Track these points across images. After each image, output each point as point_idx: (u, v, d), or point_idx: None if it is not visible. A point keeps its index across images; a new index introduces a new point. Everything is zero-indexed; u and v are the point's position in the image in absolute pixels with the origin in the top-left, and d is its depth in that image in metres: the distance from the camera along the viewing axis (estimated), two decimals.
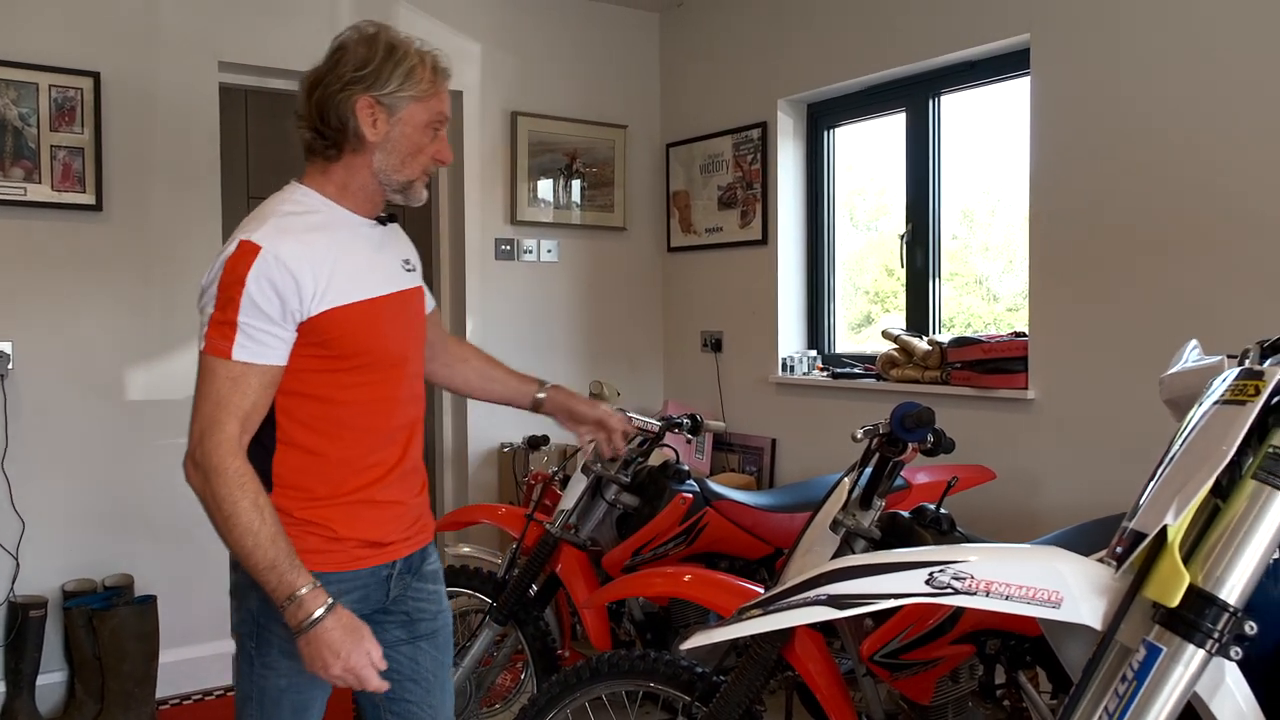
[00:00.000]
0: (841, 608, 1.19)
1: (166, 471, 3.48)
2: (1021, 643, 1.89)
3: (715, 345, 4.34)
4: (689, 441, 3.95)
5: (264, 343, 1.50)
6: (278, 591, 1.48)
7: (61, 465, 3.33)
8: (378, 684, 1.52)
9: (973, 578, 1.16)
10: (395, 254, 1.71)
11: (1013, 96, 3.39)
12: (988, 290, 3.66)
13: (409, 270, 1.73)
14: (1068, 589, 1.14)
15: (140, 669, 3.15)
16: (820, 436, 3.87)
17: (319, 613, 1.47)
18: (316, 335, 1.54)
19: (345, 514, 1.60)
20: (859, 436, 1.72)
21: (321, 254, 1.54)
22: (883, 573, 1.19)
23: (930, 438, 1.89)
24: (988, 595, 1.15)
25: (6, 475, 3.22)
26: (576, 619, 3.19)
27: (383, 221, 1.69)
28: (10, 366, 3.22)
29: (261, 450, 1.56)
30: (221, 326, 1.49)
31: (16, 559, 3.24)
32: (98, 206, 3.35)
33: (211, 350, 1.50)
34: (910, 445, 1.83)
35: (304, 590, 1.47)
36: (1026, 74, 3.21)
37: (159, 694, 3.31)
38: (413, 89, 1.59)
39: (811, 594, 1.21)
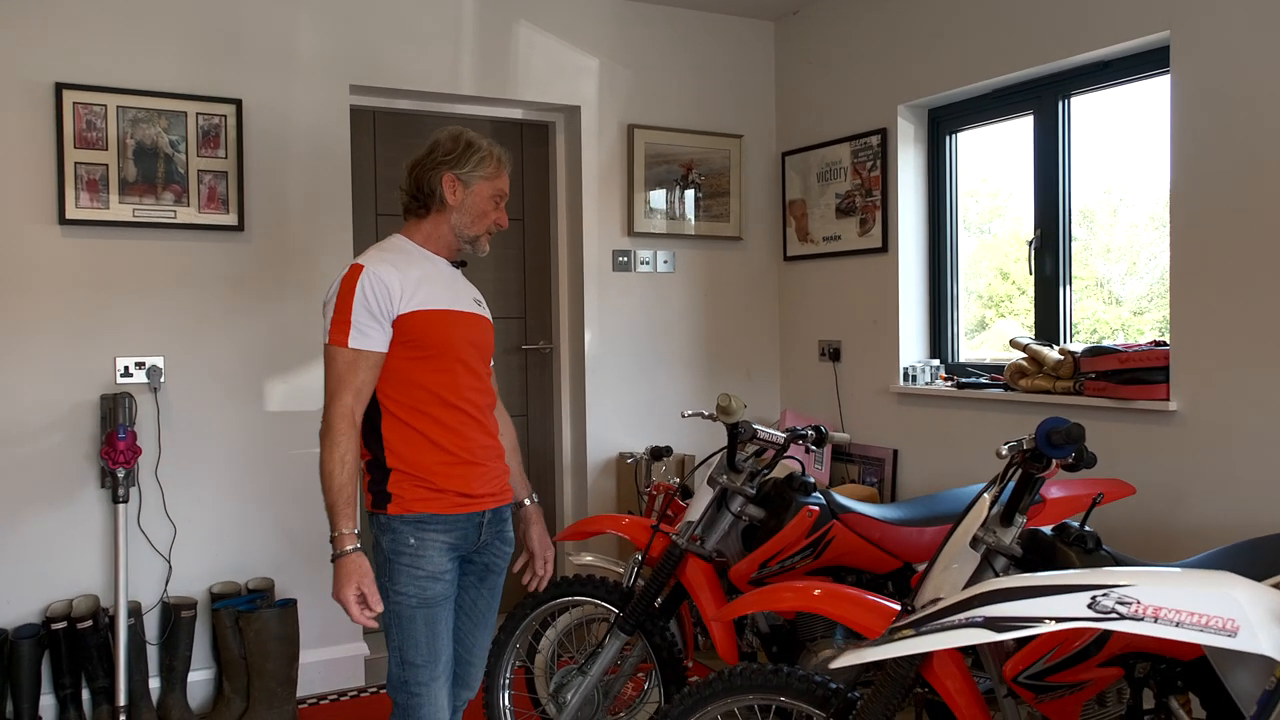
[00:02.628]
0: (999, 630, 1.16)
1: (302, 480, 3.63)
2: (1173, 666, 1.81)
3: (834, 355, 4.29)
4: (808, 452, 3.92)
5: (369, 335, 2.09)
6: (330, 523, 2.04)
7: (208, 474, 3.51)
8: (355, 615, 2.01)
9: (1139, 602, 1.13)
10: (465, 290, 2.28)
11: (1140, 95, 3.28)
12: (1109, 293, 3.53)
13: (479, 305, 2.30)
14: (1245, 617, 1.09)
15: (282, 669, 3.29)
16: (944, 448, 3.79)
17: (346, 549, 2.02)
18: (402, 331, 2.11)
19: (444, 471, 2.14)
20: (1004, 453, 1.68)
21: (406, 274, 2.14)
22: (1042, 595, 1.17)
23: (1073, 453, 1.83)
24: (1156, 621, 1.11)
25: (160, 483, 3.41)
26: (699, 630, 3.19)
27: (455, 265, 2.30)
28: (162, 380, 3.42)
29: (374, 423, 2.14)
30: (340, 324, 2.08)
31: (169, 562, 3.43)
32: (239, 227, 3.52)
33: (334, 341, 2.09)
34: (1054, 461, 1.78)
35: (344, 531, 2.03)
36: (1164, 73, 3.09)
37: (298, 694, 3.45)
38: (482, 171, 2.21)
39: (967, 615, 1.19)
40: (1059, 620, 1.14)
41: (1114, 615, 1.12)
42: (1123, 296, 3.51)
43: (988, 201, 3.99)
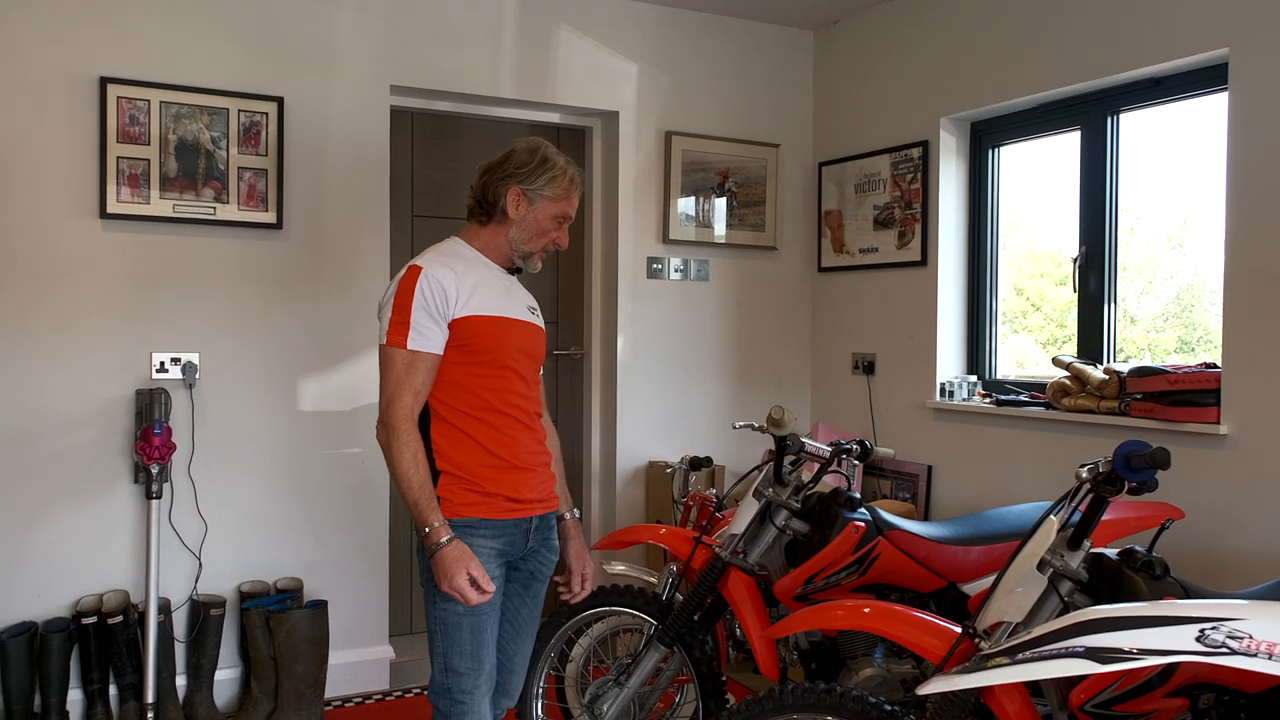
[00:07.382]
0: (1103, 661, 1.13)
1: (333, 481, 3.61)
2: (1237, 698, 1.77)
3: (867, 368, 4.25)
4: (839, 464, 3.88)
5: (427, 336, 2.07)
6: (418, 521, 2.04)
7: (240, 472, 3.49)
8: (475, 598, 2.00)
9: (1252, 638, 1.09)
10: (520, 298, 2.26)
11: (1170, 113, 3.27)
12: (1124, 311, 3.49)
13: (533, 313, 2.28)
14: None
15: (312, 671, 3.26)
16: (981, 466, 3.74)
17: (442, 541, 2.01)
18: (456, 335, 2.10)
19: (492, 476, 2.13)
20: (1084, 475, 1.64)
21: (462, 279, 2.13)
22: (1147, 626, 1.13)
23: None
24: (1270, 658, 1.08)
25: (193, 480, 3.39)
26: (731, 644, 3.16)
27: (511, 271, 2.27)
28: (198, 377, 3.40)
29: (423, 427, 2.11)
30: (398, 325, 2.07)
31: (200, 559, 3.41)
32: (278, 225, 3.50)
33: (391, 343, 2.07)
34: (1126, 484, 1.74)
35: (435, 524, 2.02)
36: (1218, 90, 3.05)
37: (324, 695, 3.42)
38: (551, 190, 2.18)
39: (1067, 645, 1.15)
40: (1166, 653, 1.11)
41: (1224, 650, 1.09)
42: (1138, 315, 3.48)
43: (1003, 216, 3.96)
